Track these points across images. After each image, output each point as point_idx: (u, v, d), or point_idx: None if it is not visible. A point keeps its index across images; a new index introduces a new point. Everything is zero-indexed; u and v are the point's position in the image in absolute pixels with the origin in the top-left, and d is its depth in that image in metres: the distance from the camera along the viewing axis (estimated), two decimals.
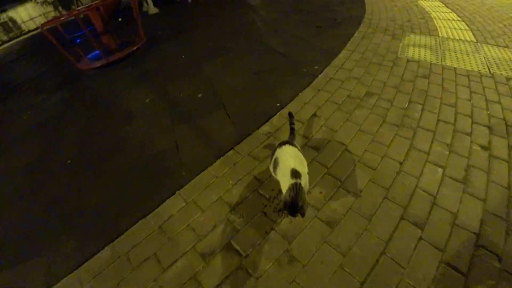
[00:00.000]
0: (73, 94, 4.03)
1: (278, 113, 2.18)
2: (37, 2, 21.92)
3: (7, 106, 4.58)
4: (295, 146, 1.44)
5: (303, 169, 1.33)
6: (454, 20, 3.80)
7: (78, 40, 5.96)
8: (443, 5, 4.57)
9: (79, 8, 4.86)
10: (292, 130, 1.65)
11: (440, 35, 3.29)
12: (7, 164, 2.61)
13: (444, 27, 3.55)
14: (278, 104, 2.25)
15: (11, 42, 17.01)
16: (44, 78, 5.39)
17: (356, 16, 4.18)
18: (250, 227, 1.44)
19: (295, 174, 1.25)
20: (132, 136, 2.41)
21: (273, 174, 1.47)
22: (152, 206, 1.65)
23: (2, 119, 3.98)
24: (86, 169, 2.16)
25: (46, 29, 4.18)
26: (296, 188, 1.20)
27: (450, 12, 4.17)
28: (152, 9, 8.91)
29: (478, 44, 2.96)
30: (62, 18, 4.45)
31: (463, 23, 3.63)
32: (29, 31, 19.05)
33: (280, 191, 1.34)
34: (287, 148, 1.42)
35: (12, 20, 20.77)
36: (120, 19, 8.08)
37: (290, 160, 1.34)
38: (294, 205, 1.18)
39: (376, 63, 2.73)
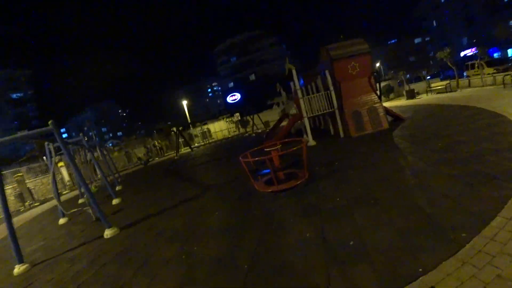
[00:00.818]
0: (249, 207, 5.64)
1: (419, 279, 2.52)
2: (226, 121, 31.31)
3: (202, 203, 6.84)
4: None
5: None
6: None
7: (257, 165, 8.20)
8: None
9: (268, 149, 6.85)
10: None
11: None
12: (200, 251, 4.16)
13: None
14: (420, 270, 2.61)
15: (206, 145, 24.78)
16: (228, 186, 7.69)
17: None
18: None
19: None
20: (293, 262, 3.23)
21: None
22: None
23: (199, 213, 6.02)
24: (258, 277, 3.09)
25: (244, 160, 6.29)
26: None
27: None
28: (311, 142, 11.05)
29: None
30: (256, 159, 6.50)
31: None
32: (217, 140, 27.42)
33: None
34: None
35: (208, 130, 30.45)
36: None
37: None
38: None
39: None
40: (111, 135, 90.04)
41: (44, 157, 24.60)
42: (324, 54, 11.43)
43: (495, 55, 34.92)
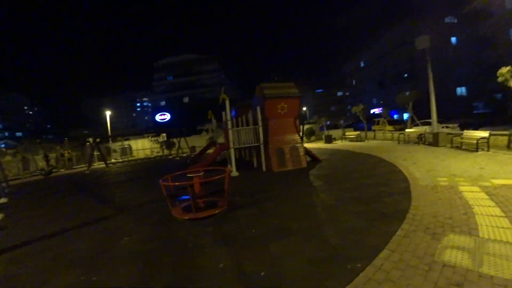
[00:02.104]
0: (164, 233, 5.33)
1: None
2: (151, 140, 29.46)
3: (112, 225, 6.14)
4: None
5: None
6: (497, 216, 4.22)
7: (177, 190, 7.85)
8: (487, 197, 5.09)
9: (191, 175, 6.67)
10: None
11: (480, 235, 3.71)
12: (107, 279, 3.74)
13: (486, 225, 3.98)
14: None
15: (124, 162, 22.66)
16: (144, 209, 7.10)
17: (401, 210, 4.95)
18: None
19: None
20: None
21: None
22: None
23: (107, 237, 5.37)
24: None
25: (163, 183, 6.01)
26: None
27: (494, 206, 4.60)
28: (234, 172, 11.24)
29: None
30: (177, 183, 6.29)
31: (506, 220, 4.04)
32: (138, 158, 25.44)
33: None
34: None
35: (129, 147, 28.06)
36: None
37: None
38: None
39: (412, 266, 3.22)
40: (6, 134, 75.27)
41: None
42: (259, 91, 12.19)
43: (395, 116, 42.65)
